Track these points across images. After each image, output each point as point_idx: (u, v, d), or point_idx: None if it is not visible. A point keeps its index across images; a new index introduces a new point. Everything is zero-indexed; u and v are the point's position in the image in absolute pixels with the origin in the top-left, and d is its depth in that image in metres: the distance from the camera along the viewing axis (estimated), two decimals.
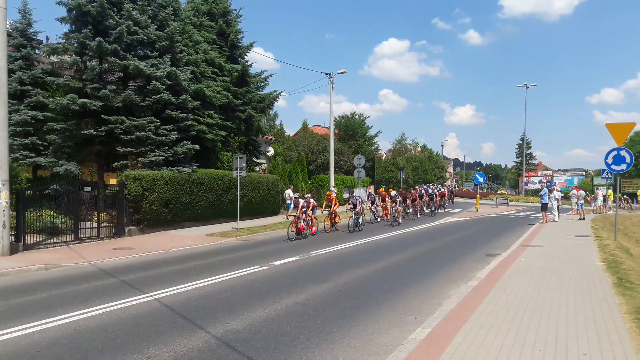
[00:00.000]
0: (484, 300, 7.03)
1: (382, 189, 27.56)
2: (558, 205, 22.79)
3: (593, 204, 31.98)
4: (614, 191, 26.99)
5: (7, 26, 13.32)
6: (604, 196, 30.89)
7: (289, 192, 24.18)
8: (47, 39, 23.66)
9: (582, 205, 24.84)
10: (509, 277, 8.75)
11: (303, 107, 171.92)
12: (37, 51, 19.38)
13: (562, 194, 26.09)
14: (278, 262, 10.99)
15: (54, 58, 18.38)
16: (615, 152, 14.14)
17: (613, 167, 14.27)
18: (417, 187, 31.85)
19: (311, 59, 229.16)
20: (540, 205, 22.72)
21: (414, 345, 5.09)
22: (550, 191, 22.22)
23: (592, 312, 6.30)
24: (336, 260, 11.57)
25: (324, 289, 8.32)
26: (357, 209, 18.71)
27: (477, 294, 7.45)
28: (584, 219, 23.31)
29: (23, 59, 18.59)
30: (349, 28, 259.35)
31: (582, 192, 26.72)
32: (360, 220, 18.75)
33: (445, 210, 30.84)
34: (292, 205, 21.00)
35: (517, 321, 5.93)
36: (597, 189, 33.43)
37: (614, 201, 26.88)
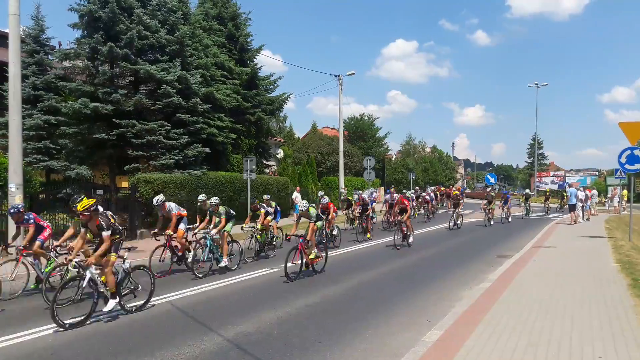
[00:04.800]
0: (497, 302, 6.96)
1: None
2: (582, 206, 22.51)
3: (608, 205, 31.56)
4: (628, 191, 26.61)
5: (21, 32, 13.54)
6: (620, 196, 30.49)
7: (296, 195, 24.09)
8: (60, 44, 23.95)
9: (589, 205, 24.61)
10: (521, 279, 8.65)
11: (312, 109, 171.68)
12: (49, 57, 19.68)
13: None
14: (288, 265, 10.95)
15: (66, 63, 18.62)
16: (629, 152, 13.93)
17: (627, 166, 14.07)
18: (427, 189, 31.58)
19: (319, 61, 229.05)
20: (567, 206, 22.41)
21: (426, 347, 5.05)
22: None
23: (607, 314, 6.20)
24: (345, 263, 11.53)
25: (334, 291, 8.30)
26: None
27: (490, 295, 7.38)
28: (588, 219, 23.07)
29: (36, 65, 18.88)
30: (355, 30, 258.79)
31: (586, 192, 26.47)
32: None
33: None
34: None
35: (530, 323, 5.86)
36: (614, 188, 32.93)
37: (628, 201, 26.50)
